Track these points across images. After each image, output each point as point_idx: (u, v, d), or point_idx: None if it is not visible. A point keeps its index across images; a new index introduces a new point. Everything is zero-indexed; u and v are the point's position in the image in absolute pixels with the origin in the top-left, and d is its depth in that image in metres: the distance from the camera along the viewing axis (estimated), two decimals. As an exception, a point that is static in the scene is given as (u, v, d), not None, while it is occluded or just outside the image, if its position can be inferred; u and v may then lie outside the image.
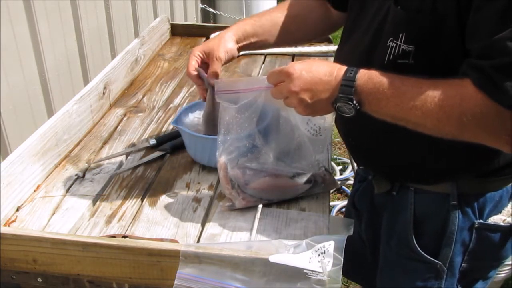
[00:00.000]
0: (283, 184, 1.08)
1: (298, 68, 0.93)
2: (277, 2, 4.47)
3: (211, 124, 1.15)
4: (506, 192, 1.09)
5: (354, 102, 0.89)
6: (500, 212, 1.09)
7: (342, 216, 2.00)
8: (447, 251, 1.10)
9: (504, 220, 1.09)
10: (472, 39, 0.85)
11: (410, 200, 1.11)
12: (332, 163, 2.87)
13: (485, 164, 1.03)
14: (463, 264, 1.12)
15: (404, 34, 0.92)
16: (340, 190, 2.72)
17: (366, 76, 0.89)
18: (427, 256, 1.11)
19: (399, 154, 1.06)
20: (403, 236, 1.13)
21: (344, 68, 0.92)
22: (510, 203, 1.10)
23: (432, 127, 0.87)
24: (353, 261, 0.84)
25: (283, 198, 1.10)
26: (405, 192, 1.12)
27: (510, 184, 1.09)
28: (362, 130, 1.07)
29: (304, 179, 1.08)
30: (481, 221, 1.08)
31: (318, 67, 0.93)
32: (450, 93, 0.84)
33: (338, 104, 0.90)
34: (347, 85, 0.89)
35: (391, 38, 0.94)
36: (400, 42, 0.93)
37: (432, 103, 0.84)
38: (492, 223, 1.09)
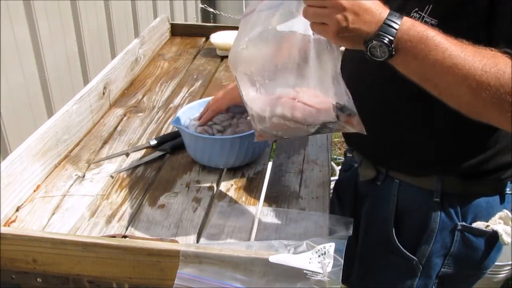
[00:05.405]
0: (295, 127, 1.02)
1: None
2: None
3: None
4: (493, 201, 1.08)
5: (393, 45, 0.81)
6: (487, 221, 1.09)
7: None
8: (425, 248, 1.10)
9: (487, 226, 1.08)
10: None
11: (394, 192, 1.11)
12: (332, 163, 2.87)
13: (472, 163, 1.03)
14: (443, 269, 1.13)
15: (430, 6, 0.91)
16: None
17: (410, 23, 0.82)
18: (404, 250, 1.12)
19: (386, 138, 1.06)
20: (383, 228, 1.13)
21: (388, 9, 0.84)
22: (498, 214, 1.09)
23: (468, 93, 0.81)
24: None
25: (295, 136, 1.08)
26: (390, 183, 1.12)
27: (498, 196, 1.09)
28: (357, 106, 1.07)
29: (312, 130, 1.01)
30: (464, 223, 1.08)
31: None
32: (494, 61, 0.80)
33: (373, 42, 0.81)
34: (390, 25, 0.81)
35: (416, 9, 0.92)
36: (425, 14, 0.91)
37: (475, 64, 0.80)
38: (475, 227, 1.08)
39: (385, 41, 0.80)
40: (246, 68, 0.98)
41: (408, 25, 0.82)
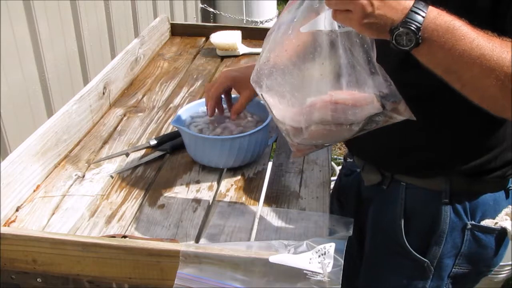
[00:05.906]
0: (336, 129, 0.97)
1: None
2: (277, 3, 4.47)
3: None
4: (499, 197, 1.08)
5: (420, 33, 0.78)
6: (494, 218, 1.09)
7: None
8: (436, 250, 1.09)
9: (496, 223, 1.08)
10: None
11: (401, 195, 1.10)
12: (332, 163, 2.87)
13: (479, 162, 1.03)
14: (454, 269, 1.12)
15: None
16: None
17: (436, 12, 0.80)
18: (415, 253, 1.11)
19: (389, 142, 1.05)
20: (391, 231, 1.12)
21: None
22: (504, 210, 1.09)
23: (494, 85, 0.78)
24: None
25: (338, 140, 1.04)
26: (396, 186, 1.11)
27: (503, 191, 1.09)
28: None
29: (356, 128, 0.96)
30: (473, 222, 1.08)
31: None
32: None
33: (400, 29, 0.78)
34: (417, 13, 0.78)
35: None
36: None
37: (503, 55, 0.77)
38: (484, 225, 1.08)
39: (413, 28, 0.78)
40: (272, 81, 0.95)
41: (434, 14, 0.79)
